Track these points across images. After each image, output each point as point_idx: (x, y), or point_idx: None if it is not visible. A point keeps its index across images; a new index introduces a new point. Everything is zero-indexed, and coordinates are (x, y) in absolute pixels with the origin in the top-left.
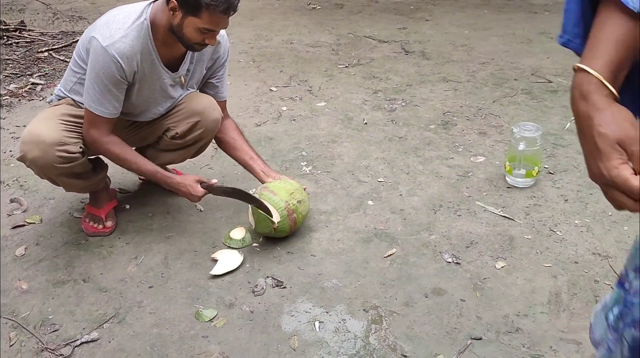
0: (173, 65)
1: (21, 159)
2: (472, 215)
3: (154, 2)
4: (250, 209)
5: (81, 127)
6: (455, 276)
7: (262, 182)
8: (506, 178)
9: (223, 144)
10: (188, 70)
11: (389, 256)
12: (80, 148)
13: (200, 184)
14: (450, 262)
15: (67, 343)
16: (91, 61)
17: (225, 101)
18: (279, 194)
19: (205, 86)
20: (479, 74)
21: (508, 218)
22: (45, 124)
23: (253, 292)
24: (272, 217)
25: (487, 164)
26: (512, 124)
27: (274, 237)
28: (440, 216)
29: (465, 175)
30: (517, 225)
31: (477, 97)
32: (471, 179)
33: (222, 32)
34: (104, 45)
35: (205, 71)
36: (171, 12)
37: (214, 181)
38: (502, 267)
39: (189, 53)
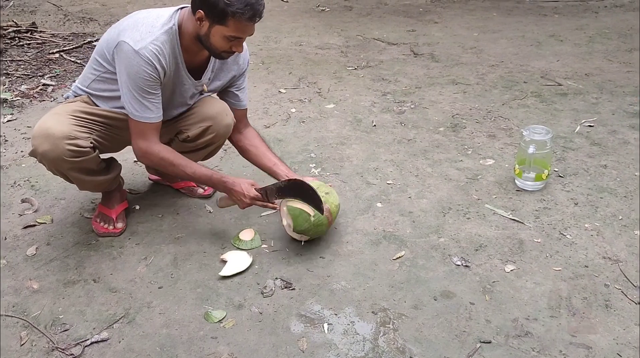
0: (195, 72)
1: (32, 153)
2: (481, 218)
3: (181, 8)
4: (285, 209)
5: (92, 123)
6: (464, 279)
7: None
8: (516, 181)
9: (245, 153)
10: (209, 79)
11: (397, 258)
12: (91, 143)
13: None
14: (459, 265)
15: (78, 343)
16: (125, 66)
17: (246, 109)
18: None
19: (225, 94)
20: (488, 77)
21: (517, 221)
22: (55, 118)
23: (262, 293)
24: (322, 206)
25: (496, 167)
26: (521, 127)
27: (315, 238)
28: (449, 219)
29: (474, 178)
30: (527, 228)
31: (486, 100)
32: (480, 182)
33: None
34: (136, 49)
35: (226, 81)
36: (198, 22)
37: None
38: (511, 270)
39: (212, 62)
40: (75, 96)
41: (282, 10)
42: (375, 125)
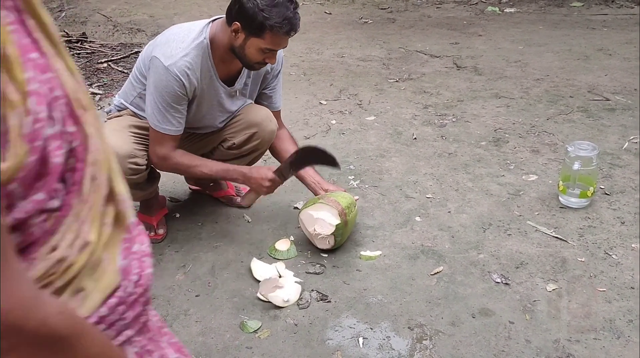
0: (229, 80)
1: None
2: (522, 235)
3: (212, 21)
4: (313, 214)
5: (146, 139)
6: (504, 297)
7: (314, 193)
8: (559, 197)
9: (276, 154)
10: (246, 84)
11: (435, 274)
12: (146, 160)
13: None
14: (498, 282)
15: None
16: (153, 80)
17: (280, 111)
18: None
19: (259, 97)
20: (533, 91)
21: (560, 239)
22: (117, 136)
23: (297, 305)
24: (337, 162)
25: (539, 183)
26: (566, 143)
27: (339, 245)
28: (490, 235)
29: (516, 194)
30: (570, 247)
31: (530, 114)
32: (522, 198)
33: None
34: (166, 65)
35: (260, 83)
36: (233, 34)
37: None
38: (553, 290)
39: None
40: (119, 111)
41: (325, 22)
42: (415, 138)
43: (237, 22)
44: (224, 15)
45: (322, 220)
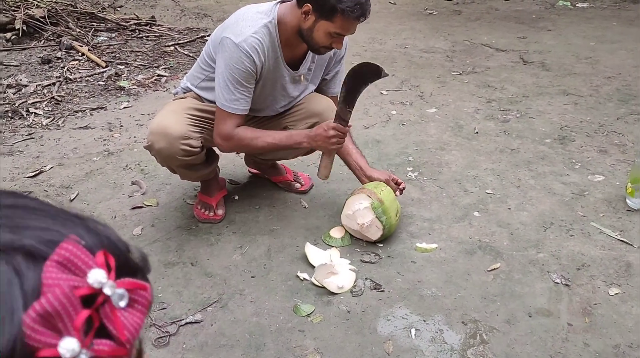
0: (294, 63)
1: (148, 148)
2: (585, 236)
3: (281, 2)
4: (361, 208)
5: (204, 122)
6: (563, 298)
7: (358, 176)
8: (627, 200)
9: None
10: (310, 69)
11: (492, 270)
12: (201, 142)
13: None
14: (558, 283)
15: (173, 322)
16: (223, 58)
17: (336, 96)
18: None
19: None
20: (603, 89)
21: (626, 242)
22: (173, 117)
23: (351, 292)
24: (380, 69)
25: (605, 184)
26: (636, 144)
27: (387, 235)
28: (551, 234)
29: (580, 194)
30: (635, 251)
31: (599, 113)
32: (587, 199)
33: None
34: (236, 42)
35: (324, 69)
36: (303, 16)
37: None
38: (615, 294)
39: (310, 53)
40: (184, 93)
41: (389, 12)
42: (477, 132)
43: (308, 4)
44: None
45: (358, 211)
